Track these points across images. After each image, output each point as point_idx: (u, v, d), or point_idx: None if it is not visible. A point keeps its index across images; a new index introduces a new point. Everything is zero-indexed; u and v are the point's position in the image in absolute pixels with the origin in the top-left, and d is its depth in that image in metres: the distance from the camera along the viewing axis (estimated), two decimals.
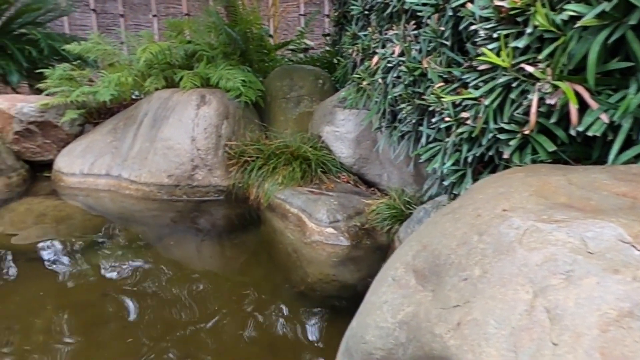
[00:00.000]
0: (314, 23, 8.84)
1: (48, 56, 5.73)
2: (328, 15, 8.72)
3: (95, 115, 4.09)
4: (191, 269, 2.79)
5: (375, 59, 2.58)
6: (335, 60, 4.53)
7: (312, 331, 2.14)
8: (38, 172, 3.95)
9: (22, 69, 5.55)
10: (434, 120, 2.04)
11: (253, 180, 3.39)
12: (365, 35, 2.92)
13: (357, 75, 2.91)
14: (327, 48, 4.90)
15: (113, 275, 2.56)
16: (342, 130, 3.33)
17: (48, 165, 3.93)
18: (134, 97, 4.31)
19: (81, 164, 3.65)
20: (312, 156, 3.32)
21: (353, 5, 3.05)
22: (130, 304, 2.25)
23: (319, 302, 2.35)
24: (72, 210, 3.44)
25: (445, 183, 2.06)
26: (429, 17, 2.05)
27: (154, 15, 8.47)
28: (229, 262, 2.95)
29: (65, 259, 2.69)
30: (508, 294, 0.73)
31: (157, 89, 3.81)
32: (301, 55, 4.75)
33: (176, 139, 3.42)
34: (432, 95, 1.99)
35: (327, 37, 4.49)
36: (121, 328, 2.05)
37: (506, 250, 0.79)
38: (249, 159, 3.45)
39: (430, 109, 2.05)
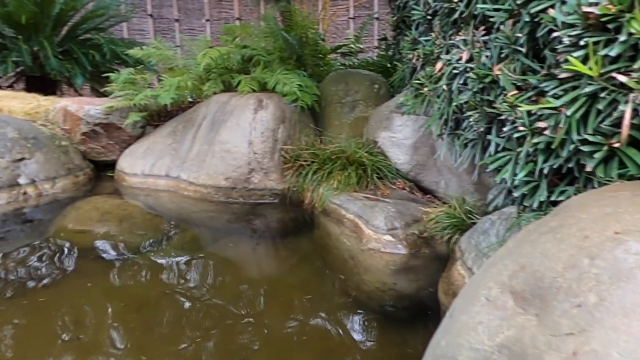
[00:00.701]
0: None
1: (110, 60, 6.00)
2: (377, 18, 8.68)
3: (155, 117, 4.23)
4: (245, 271, 2.83)
5: (439, 64, 2.53)
6: (388, 65, 4.50)
7: (368, 339, 2.12)
8: (102, 171, 4.12)
9: (86, 72, 5.83)
10: (505, 129, 1.98)
11: (308, 184, 3.40)
12: (426, 40, 2.87)
13: (418, 81, 2.86)
14: (380, 52, 4.86)
15: (171, 274, 2.63)
16: (399, 136, 3.29)
17: (111, 165, 4.10)
18: (189, 100, 4.43)
19: (142, 165, 3.78)
20: (367, 162, 3.29)
21: (414, 9, 3.00)
22: (185, 304, 2.29)
23: (376, 311, 2.33)
24: (133, 210, 3.56)
25: (515, 194, 1.99)
26: (502, 23, 1.99)
27: (207, 20, 8.70)
28: (283, 266, 2.96)
29: (127, 258, 2.78)
30: (633, 326, 0.68)
31: (215, 93, 3.89)
32: (355, 60, 4.73)
33: (234, 142, 3.49)
34: (504, 104, 1.93)
35: (383, 42, 4.45)
36: (176, 327, 2.09)
37: (626, 277, 0.74)
38: (304, 163, 3.47)
39: (502, 117, 1.99)
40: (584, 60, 1.50)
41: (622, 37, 1.36)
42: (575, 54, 1.52)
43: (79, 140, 3.98)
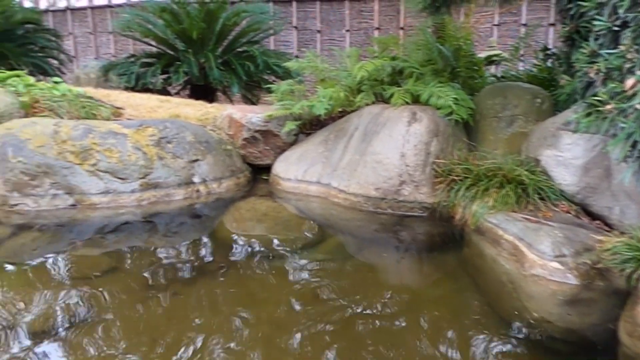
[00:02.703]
0: (507, 33, 8.39)
1: (262, 70, 6.49)
2: (525, 25, 8.19)
3: (307, 126, 4.47)
4: (387, 281, 2.83)
5: (631, 81, 2.29)
6: (547, 76, 4.22)
7: None
8: (257, 174, 4.47)
9: (241, 81, 6.38)
10: None
11: (460, 200, 3.32)
12: (610, 53, 2.62)
13: (597, 98, 2.63)
14: (537, 62, 4.57)
15: (316, 278, 2.73)
16: (566, 155, 3.05)
17: (265, 168, 4.42)
18: (339, 110, 4.59)
19: (295, 171, 4.02)
20: (528, 180, 3.11)
21: (596, 20, 2.76)
22: (325, 308, 2.35)
23: (537, 341, 2.18)
24: (287, 214, 3.80)
25: None
26: None
27: (347, 30, 8.97)
28: (427, 281, 2.92)
29: (279, 258, 2.95)
30: None
31: (367, 104, 4.00)
32: (512, 71, 4.51)
33: (386, 153, 3.54)
34: None
35: (542, 52, 4.18)
36: (314, 330, 2.14)
37: None
38: (456, 178, 3.40)
39: None
40: None
41: None
42: None
43: (240, 144, 4.36)
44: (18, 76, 4.46)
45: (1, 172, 3.38)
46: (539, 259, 2.59)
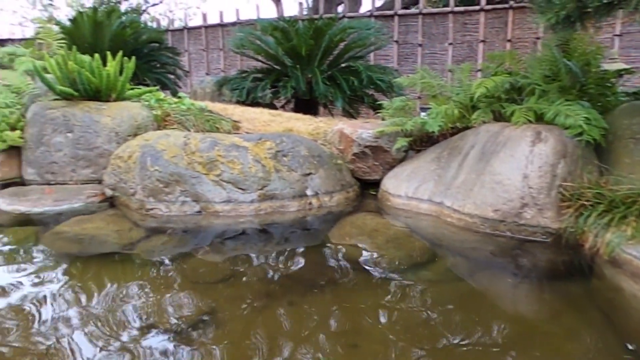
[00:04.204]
0: (631, 44, 7.69)
1: (365, 85, 6.55)
2: None
3: (417, 142, 4.43)
4: (501, 308, 2.67)
5: None
6: None
7: None
8: (364, 189, 4.49)
9: (345, 96, 6.48)
10: None
11: (590, 227, 3.08)
12: None
13: None
14: None
15: (425, 300, 2.63)
16: None
17: (372, 184, 4.44)
18: (450, 127, 4.48)
19: (406, 188, 3.99)
20: None
21: None
22: (434, 333, 2.26)
23: None
24: (397, 231, 3.77)
25: None
26: None
27: (450, 44, 8.78)
28: (549, 312, 2.70)
29: (389, 277, 2.89)
30: None
31: (483, 122, 3.87)
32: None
33: (506, 174, 3.39)
34: None
35: None
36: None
37: None
38: (586, 203, 3.16)
39: None
40: None
41: None
42: None
43: (350, 159, 4.43)
44: (150, 92, 4.92)
45: (141, 179, 3.74)
46: None
